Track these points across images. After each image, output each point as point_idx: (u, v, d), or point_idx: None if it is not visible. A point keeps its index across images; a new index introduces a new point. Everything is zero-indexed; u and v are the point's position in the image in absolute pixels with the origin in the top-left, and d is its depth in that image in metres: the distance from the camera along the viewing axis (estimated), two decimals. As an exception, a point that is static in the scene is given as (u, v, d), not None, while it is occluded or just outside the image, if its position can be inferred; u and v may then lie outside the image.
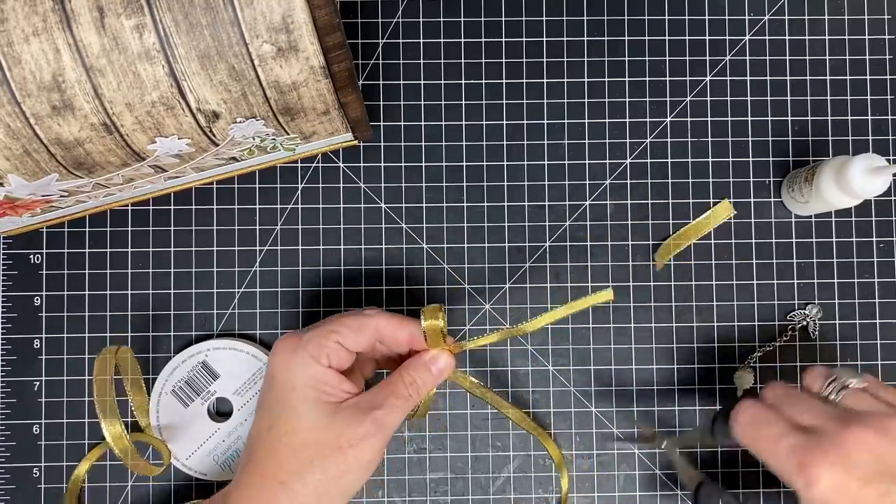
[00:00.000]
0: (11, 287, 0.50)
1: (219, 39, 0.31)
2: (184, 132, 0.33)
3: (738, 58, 0.52)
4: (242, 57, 0.31)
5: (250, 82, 0.32)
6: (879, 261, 0.51)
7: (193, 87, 0.32)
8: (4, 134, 0.31)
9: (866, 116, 0.52)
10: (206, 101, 0.32)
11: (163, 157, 0.36)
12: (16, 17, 0.30)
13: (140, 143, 0.33)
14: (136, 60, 0.31)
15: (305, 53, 0.32)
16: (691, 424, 0.50)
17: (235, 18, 0.31)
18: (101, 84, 0.31)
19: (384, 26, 0.51)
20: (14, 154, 0.32)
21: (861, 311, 0.51)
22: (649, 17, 0.52)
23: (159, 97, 0.31)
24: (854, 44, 0.52)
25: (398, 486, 0.50)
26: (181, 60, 0.31)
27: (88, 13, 0.30)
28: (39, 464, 0.49)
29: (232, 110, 0.33)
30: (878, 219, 0.51)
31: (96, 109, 0.31)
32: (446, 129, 0.51)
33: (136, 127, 0.32)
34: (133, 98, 0.31)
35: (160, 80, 0.31)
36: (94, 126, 0.32)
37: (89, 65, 0.30)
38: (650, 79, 0.51)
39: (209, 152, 0.37)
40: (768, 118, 0.52)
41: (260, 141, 0.38)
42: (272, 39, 0.31)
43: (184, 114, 0.32)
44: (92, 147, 0.32)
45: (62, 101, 0.31)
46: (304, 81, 0.33)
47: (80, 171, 0.34)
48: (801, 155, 0.52)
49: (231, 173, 0.44)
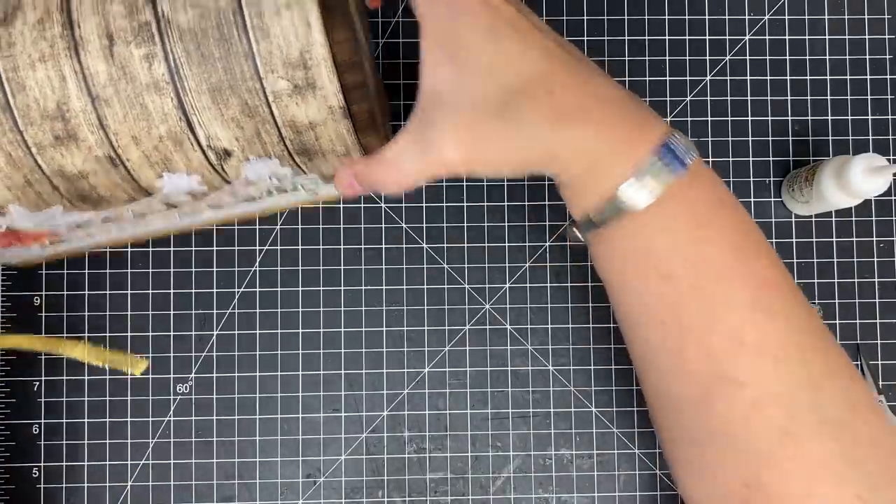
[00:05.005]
0: (11, 287, 0.50)
1: (231, 73, 0.29)
2: (193, 169, 0.31)
3: (739, 57, 0.52)
4: (256, 93, 0.29)
5: (264, 120, 0.30)
6: (880, 260, 0.51)
7: (203, 122, 0.30)
8: (5, 162, 0.30)
9: (866, 116, 0.52)
10: (217, 138, 0.30)
11: (173, 194, 0.33)
12: (23, 41, 0.29)
13: (147, 178, 0.31)
14: (143, 91, 0.29)
15: (323, 92, 0.29)
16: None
17: (250, 51, 0.29)
18: (106, 115, 0.29)
19: (384, 26, 0.51)
20: (15, 184, 0.30)
21: (861, 311, 0.51)
22: (649, 17, 0.52)
23: (167, 131, 0.30)
24: (854, 43, 0.52)
25: (398, 486, 0.50)
26: (191, 93, 0.29)
27: (97, 40, 0.29)
28: (39, 464, 0.49)
29: (245, 149, 0.31)
30: (878, 218, 0.51)
31: (101, 141, 0.29)
32: (446, 128, 0.51)
33: (142, 162, 0.30)
34: (139, 131, 0.29)
35: (168, 112, 0.29)
36: (99, 159, 0.30)
37: (95, 94, 0.29)
38: (650, 78, 0.51)
39: (223, 190, 0.34)
40: (768, 118, 0.52)
41: (277, 181, 0.35)
42: (288, 75, 0.29)
43: (193, 150, 0.30)
44: (97, 180, 0.31)
45: (66, 132, 0.29)
46: (321, 121, 0.30)
47: (86, 204, 0.32)
48: (802, 155, 0.52)
49: (251, 214, 0.40)
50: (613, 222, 0.32)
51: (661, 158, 0.31)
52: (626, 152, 0.31)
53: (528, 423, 0.50)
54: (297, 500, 0.49)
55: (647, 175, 0.31)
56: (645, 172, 0.31)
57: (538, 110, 0.30)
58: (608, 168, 0.31)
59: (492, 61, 0.30)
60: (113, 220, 0.36)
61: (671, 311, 0.32)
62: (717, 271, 0.31)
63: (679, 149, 0.31)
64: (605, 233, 0.32)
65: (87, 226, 0.36)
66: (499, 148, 0.31)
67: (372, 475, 0.49)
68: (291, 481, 0.49)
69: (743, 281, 0.31)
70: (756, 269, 0.32)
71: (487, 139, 0.31)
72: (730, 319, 0.31)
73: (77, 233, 0.37)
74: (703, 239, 0.31)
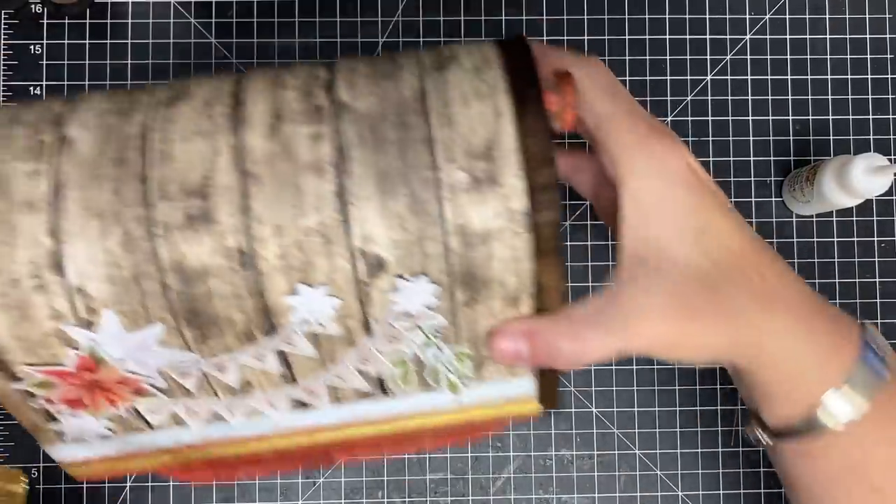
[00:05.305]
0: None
1: (404, 158, 0.26)
2: (335, 284, 0.26)
3: (739, 57, 0.52)
4: (428, 183, 0.25)
5: (432, 221, 0.26)
6: (881, 260, 0.51)
7: (361, 216, 0.25)
8: (119, 243, 0.25)
9: (868, 116, 0.52)
10: (373, 241, 0.26)
11: (297, 335, 0.28)
12: (184, 119, 0.26)
13: (277, 290, 0.26)
14: (301, 171, 0.25)
15: (505, 190, 0.26)
16: (692, 424, 0.50)
17: (428, 136, 0.26)
18: (252, 193, 0.25)
19: (384, 25, 0.51)
20: (121, 276, 0.25)
21: (863, 311, 0.51)
22: (650, 16, 0.52)
23: (317, 223, 0.25)
24: (855, 43, 0.52)
25: (398, 486, 0.49)
26: (355, 179, 0.25)
27: (263, 118, 0.26)
28: (39, 464, 0.49)
29: (401, 259, 0.26)
30: (879, 218, 0.51)
31: (237, 228, 0.25)
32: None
33: (277, 263, 0.25)
34: (285, 219, 0.25)
35: (324, 198, 0.25)
36: (229, 252, 0.25)
37: (246, 170, 0.25)
38: (651, 78, 0.51)
39: (355, 347, 0.28)
40: (769, 117, 0.51)
41: (423, 342, 0.29)
42: (468, 166, 0.26)
43: (341, 253, 0.26)
44: (216, 285, 0.25)
45: (201, 211, 0.25)
46: (497, 231, 0.26)
47: (191, 328, 0.26)
48: (803, 154, 0.51)
49: (371, 427, 0.32)
50: (816, 432, 0.30)
51: (866, 363, 0.29)
52: (835, 357, 0.29)
53: (529, 423, 0.50)
54: (296, 500, 0.49)
55: (856, 383, 0.29)
56: (855, 381, 0.29)
57: (750, 292, 0.28)
58: (815, 372, 0.29)
59: (702, 234, 0.28)
60: (212, 380, 0.29)
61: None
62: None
63: (878, 346, 0.30)
64: (804, 442, 0.30)
65: (176, 389, 0.29)
66: (707, 324, 0.28)
67: (371, 476, 0.49)
68: (291, 482, 0.49)
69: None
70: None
71: (698, 311, 0.28)
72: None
73: (160, 412, 0.30)
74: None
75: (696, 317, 0.28)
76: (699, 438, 0.50)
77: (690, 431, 0.50)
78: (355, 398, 0.31)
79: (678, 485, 0.50)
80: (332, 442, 0.32)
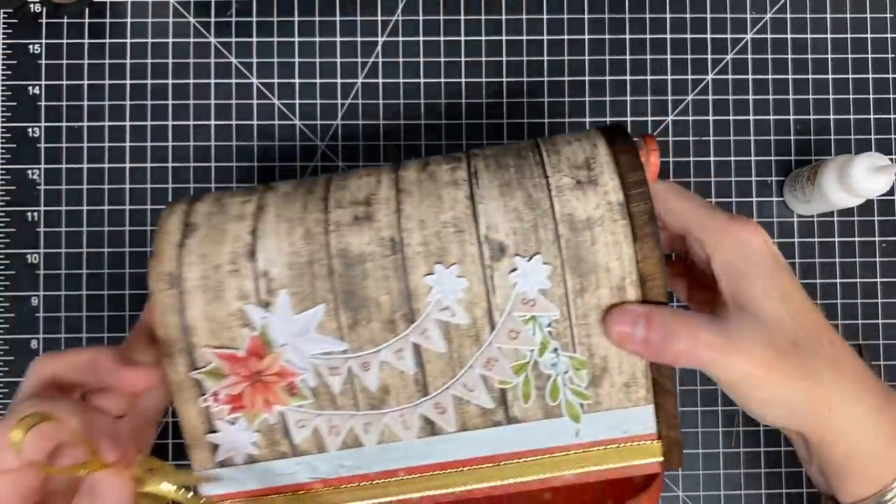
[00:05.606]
0: (9, 287, 0.49)
1: (521, 173, 0.33)
2: (465, 265, 0.32)
3: (740, 56, 0.52)
4: (541, 187, 0.32)
5: (544, 213, 0.32)
6: (882, 260, 0.51)
7: (488, 210, 0.32)
8: (301, 236, 0.32)
9: (869, 115, 0.52)
10: (496, 229, 0.32)
11: (432, 325, 0.32)
12: (356, 173, 0.35)
13: (418, 271, 0.32)
14: (441, 186, 0.33)
15: (604, 188, 0.32)
16: (693, 425, 0.50)
17: (540, 161, 0.33)
18: (404, 200, 0.33)
19: (383, 25, 0.51)
20: (298, 262, 0.32)
21: (863, 311, 0.51)
22: (651, 16, 0.52)
23: (452, 217, 0.32)
24: (857, 42, 0.52)
25: None
26: (483, 187, 0.33)
27: (415, 164, 0.35)
28: None
29: (519, 244, 0.32)
30: (880, 218, 0.51)
31: (391, 223, 0.32)
32: (446, 127, 0.51)
33: (420, 249, 0.32)
34: (428, 214, 0.32)
35: (458, 201, 0.33)
36: (383, 241, 0.32)
37: (400, 188, 0.33)
38: (651, 77, 0.51)
39: (480, 347, 0.32)
40: (770, 117, 0.51)
41: (540, 342, 0.33)
42: (572, 174, 0.33)
43: (470, 241, 0.32)
44: (370, 268, 0.32)
45: (364, 213, 0.33)
46: (599, 219, 0.32)
47: (346, 310, 0.32)
48: (804, 154, 0.51)
49: (493, 473, 0.34)
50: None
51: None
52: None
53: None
54: (296, 501, 0.49)
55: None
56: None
57: (823, 357, 0.32)
58: (884, 451, 0.32)
59: (785, 299, 0.32)
60: (350, 391, 0.33)
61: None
62: None
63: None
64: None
65: (323, 390, 0.33)
66: (790, 374, 0.32)
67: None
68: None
69: None
70: None
71: (783, 361, 0.31)
72: None
73: (306, 425, 0.33)
74: None
75: (782, 365, 0.31)
76: (700, 439, 0.50)
77: (691, 432, 0.50)
78: (481, 423, 0.34)
79: (678, 485, 0.50)
80: (457, 498, 0.34)
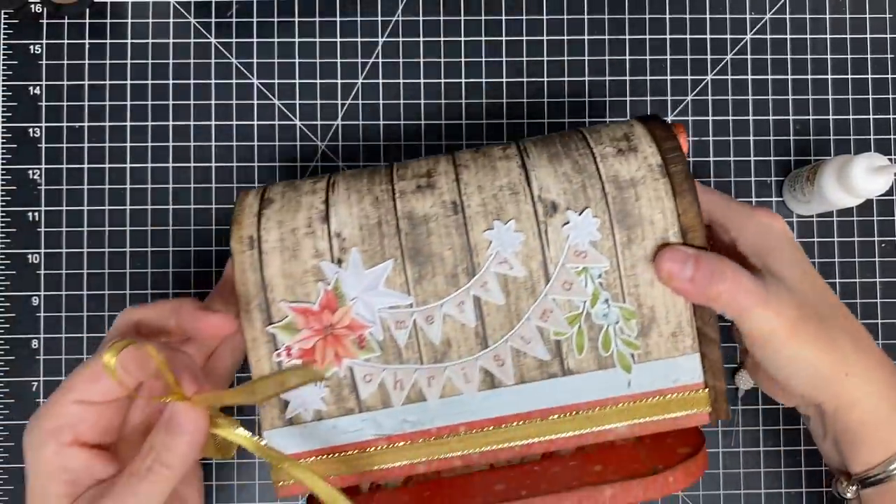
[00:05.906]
0: (9, 287, 0.50)
1: (567, 147, 0.37)
2: (521, 222, 0.35)
3: (740, 57, 0.52)
4: (586, 155, 0.36)
5: (591, 175, 0.35)
6: (881, 260, 0.51)
7: (539, 176, 0.36)
8: (371, 203, 0.36)
9: (868, 116, 0.52)
10: (548, 190, 0.35)
11: (491, 278, 0.35)
12: (416, 160, 0.39)
13: (478, 228, 0.35)
14: (496, 160, 0.37)
15: (644, 154, 0.36)
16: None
17: (584, 139, 0.37)
18: (462, 172, 0.37)
19: (384, 25, 0.51)
20: (368, 224, 0.35)
21: (863, 312, 0.51)
22: (650, 16, 0.52)
23: (507, 182, 0.36)
24: (856, 43, 0.52)
25: (398, 486, 0.49)
26: (533, 158, 0.37)
27: (469, 151, 0.39)
28: None
29: (570, 202, 0.35)
30: (879, 218, 0.51)
31: (452, 189, 0.36)
32: (446, 127, 0.51)
33: (479, 209, 0.35)
34: (485, 181, 0.36)
35: (512, 170, 0.36)
36: (445, 203, 0.35)
37: (458, 163, 0.37)
38: (651, 78, 0.51)
39: (536, 299, 0.35)
40: (770, 117, 0.51)
41: (592, 293, 0.35)
42: (613, 145, 0.36)
43: (525, 201, 0.35)
44: (434, 227, 0.35)
45: (428, 183, 0.36)
46: (641, 178, 0.35)
47: (412, 265, 0.35)
48: (803, 154, 0.51)
49: (553, 427, 0.35)
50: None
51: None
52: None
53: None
54: (296, 501, 0.49)
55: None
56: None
57: (843, 329, 0.35)
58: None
59: (806, 275, 0.36)
60: (415, 344, 0.35)
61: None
62: None
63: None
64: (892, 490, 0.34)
65: (390, 344, 0.35)
66: (816, 336, 0.34)
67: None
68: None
69: None
70: None
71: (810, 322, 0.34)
72: None
73: (373, 379, 0.35)
74: None
75: (809, 327, 0.34)
76: (699, 438, 0.50)
77: (691, 431, 0.50)
78: (538, 375, 0.35)
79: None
80: (515, 454, 0.36)
